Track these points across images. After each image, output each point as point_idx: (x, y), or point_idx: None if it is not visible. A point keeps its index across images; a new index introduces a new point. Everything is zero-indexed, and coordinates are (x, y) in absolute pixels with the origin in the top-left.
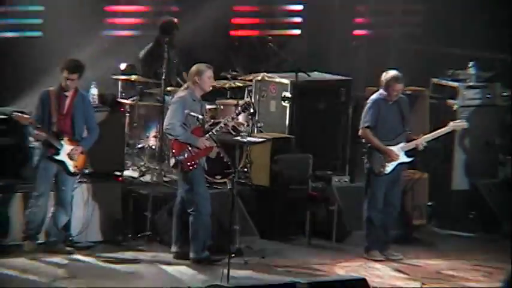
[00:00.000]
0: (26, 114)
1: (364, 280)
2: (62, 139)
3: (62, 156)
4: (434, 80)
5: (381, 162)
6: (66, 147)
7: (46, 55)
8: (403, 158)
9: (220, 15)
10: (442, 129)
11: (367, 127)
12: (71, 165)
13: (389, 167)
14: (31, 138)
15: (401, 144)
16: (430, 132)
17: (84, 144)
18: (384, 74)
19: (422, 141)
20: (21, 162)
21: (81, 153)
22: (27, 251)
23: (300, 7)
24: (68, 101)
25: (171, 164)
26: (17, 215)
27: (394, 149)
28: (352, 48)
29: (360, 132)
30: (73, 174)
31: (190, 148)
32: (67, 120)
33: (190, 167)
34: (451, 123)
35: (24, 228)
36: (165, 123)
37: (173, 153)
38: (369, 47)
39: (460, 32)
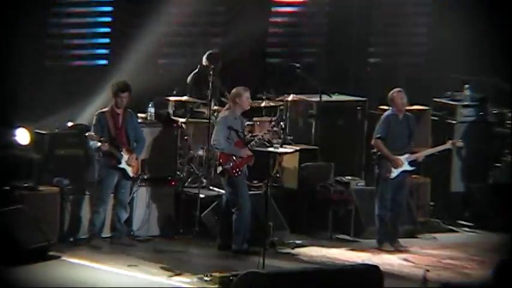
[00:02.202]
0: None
1: (377, 267)
2: (121, 150)
3: (123, 165)
4: (435, 100)
5: (387, 168)
6: (125, 157)
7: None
8: (407, 167)
9: (256, 45)
10: (441, 146)
11: (379, 138)
12: (130, 171)
13: (395, 173)
14: (95, 151)
15: (406, 155)
16: (432, 144)
17: (138, 152)
18: (390, 92)
19: (423, 154)
20: (86, 169)
21: (136, 159)
22: (94, 246)
23: (322, 39)
24: (120, 118)
25: (218, 171)
26: (85, 214)
27: (400, 158)
28: (366, 74)
29: (372, 142)
30: (131, 179)
31: (234, 158)
32: (122, 133)
33: (235, 174)
34: (449, 142)
35: (89, 228)
36: (212, 139)
37: (220, 162)
38: (380, 72)
39: (457, 59)
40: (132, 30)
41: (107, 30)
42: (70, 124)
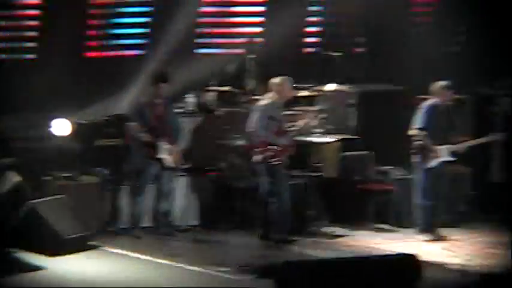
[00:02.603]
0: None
1: (416, 256)
2: (161, 140)
3: (163, 155)
4: (476, 90)
5: (428, 158)
6: (165, 147)
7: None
8: (447, 157)
9: (295, 35)
10: (482, 139)
11: (419, 128)
12: (170, 161)
13: (435, 163)
14: (136, 141)
15: (447, 146)
16: (472, 135)
17: (178, 142)
18: (434, 83)
19: (464, 146)
20: (125, 159)
21: (176, 149)
22: (135, 236)
23: (362, 29)
24: (159, 108)
25: (258, 160)
26: (125, 204)
27: (441, 148)
28: (407, 63)
29: (413, 133)
30: (171, 169)
31: (273, 147)
32: (162, 123)
33: (274, 163)
34: (491, 135)
35: (129, 219)
36: (250, 127)
37: (259, 151)
38: (421, 61)
39: (498, 47)
40: (170, 19)
41: (146, 19)
42: (109, 114)
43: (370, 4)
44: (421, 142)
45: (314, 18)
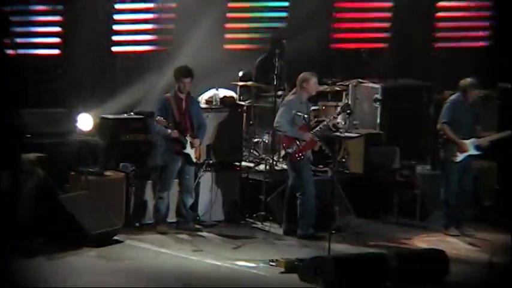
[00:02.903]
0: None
1: (442, 252)
2: (186, 135)
3: (188, 150)
4: (501, 85)
5: (453, 152)
6: (189, 142)
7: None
8: (473, 151)
9: (322, 31)
10: (506, 132)
11: (445, 122)
12: (193, 156)
13: (460, 157)
14: (163, 137)
15: (472, 140)
16: (498, 129)
17: (200, 138)
18: (462, 80)
19: (489, 139)
20: (150, 155)
21: (199, 145)
22: (160, 232)
23: (388, 24)
24: (183, 103)
25: (282, 155)
26: (150, 199)
27: (466, 142)
28: (432, 59)
29: (438, 127)
30: (195, 164)
31: (298, 142)
32: (186, 118)
33: (298, 158)
34: None
35: (154, 214)
36: (275, 121)
37: (284, 146)
38: (446, 57)
39: None
40: (195, 15)
41: (172, 15)
42: (134, 110)
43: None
44: (447, 136)
45: (341, 13)
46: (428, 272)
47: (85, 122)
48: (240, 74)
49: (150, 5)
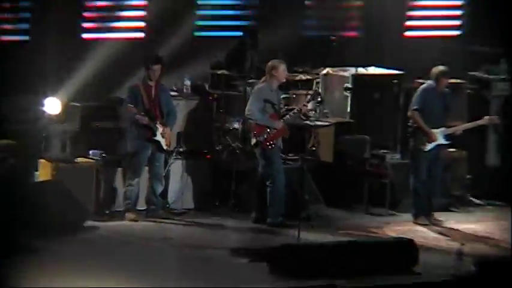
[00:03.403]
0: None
1: (411, 241)
2: (156, 122)
3: (158, 137)
4: (471, 74)
5: (422, 141)
6: (159, 129)
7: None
8: (442, 140)
9: (293, 19)
10: (477, 121)
11: (415, 109)
12: (163, 143)
13: (429, 147)
14: (132, 124)
15: (442, 129)
16: (467, 118)
17: (170, 125)
18: (434, 68)
19: (459, 129)
20: (120, 142)
21: (169, 132)
22: (130, 219)
23: (359, 13)
24: (153, 90)
25: (252, 143)
26: (120, 186)
27: (435, 131)
28: (402, 47)
29: (409, 114)
30: (165, 151)
31: (268, 130)
32: (156, 106)
33: (269, 146)
34: (486, 118)
35: (124, 201)
36: (246, 109)
37: (254, 134)
38: (416, 45)
39: (494, 32)
40: (167, 2)
41: (143, 2)
42: (104, 97)
43: None
44: (417, 124)
45: (312, 1)
46: (397, 261)
47: (52, 106)
48: (211, 62)
49: None
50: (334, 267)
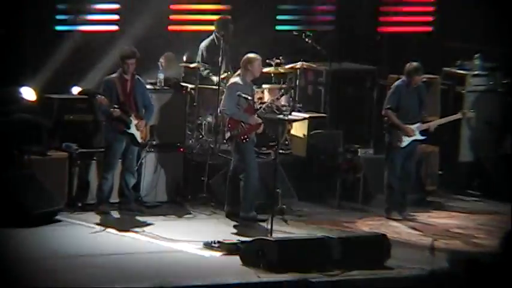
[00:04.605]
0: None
1: (384, 235)
2: (130, 115)
3: (132, 130)
4: (445, 70)
5: (398, 137)
6: (134, 122)
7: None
8: (418, 136)
9: (267, 13)
10: (452, 116)
11: (389, 109)
12: (138, 136)
13: (405, 142)
14: (105, 116)
15: (417, 125)
16: (441, 114)
17: (147, 119)
18: (407, 64)
19: (434, 124)
20: (94, 135)
21: (145, 125)
22: (102, 212)
23: (333, 7)
24: (128, 84)
25: (226, 137)
26: (93, 179)
27: (411, 127)
28: (376, 43)
29: (383, 112)
30: (139, 145)
31: (242, 124)
32: (131, 99)
33: (243, 140)
34: (461, 112)
35: (97, 194)
36: (221, 105)
37: (228, 128)
38: (390, 41)
39: (468, 28)
40: None
41: None
42: (78, 89)
43: None
44: (391, 122)
45: None
46: (370, 256)
47: (28, 94)
48: (185, 55)
49: None
50: (307, 261)
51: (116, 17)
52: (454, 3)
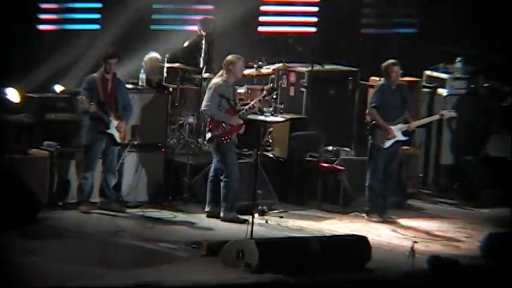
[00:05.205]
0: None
1: (365, 238)
2: (110, 115)
3: (112, 130)
4: (427, 72)
5: (381, 138)
6: (114, 122)
7: (103, 46)
8: (400, 137)
9: (250, 14)
10: (434, 116)
11: (374, 107)
12: (117, 137)
13: (388, 143)
14: (84, 115)
15: (400, 125)
16: (423, 116)
17: (126, 119)
18: (384, 63)
19: (416, 124)
20: (75, 134)
21: (124, 126)
22: (83, 211)
23: (315, 9)
24: (109, 84)
25: (207, 138)
26: (74, 178)
27: (393, 128)
28: (358, 44)
29: (367, 111)
30: (119, 145)
31: (224, 125)
32: (111, 99)
33: (224, 141)
34: (442, 112)
35: (78, 193)
36: (203, 105)
37: (210, 129)
38: (372, 43)
39: (450, 32)
40: None
41: None
42: (59, 88)
43: None
44: (375, 121)
45: None
46: (350, 258)
47: (13, 95)
48: (167, 55)
49: None
50: (287, 262)
51: (97, 16)
52: (438, 6)
